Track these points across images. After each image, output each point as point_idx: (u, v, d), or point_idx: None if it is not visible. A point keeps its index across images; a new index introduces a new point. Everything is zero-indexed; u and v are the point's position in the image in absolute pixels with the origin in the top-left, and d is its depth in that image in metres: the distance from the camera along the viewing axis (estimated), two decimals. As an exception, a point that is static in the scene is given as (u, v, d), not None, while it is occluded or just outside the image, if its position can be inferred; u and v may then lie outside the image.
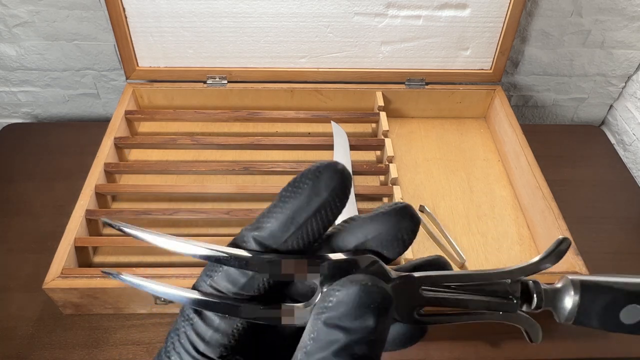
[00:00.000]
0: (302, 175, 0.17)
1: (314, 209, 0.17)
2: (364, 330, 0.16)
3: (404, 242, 0.18)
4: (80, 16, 0.86)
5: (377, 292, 0.16)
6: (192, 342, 0.18)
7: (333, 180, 0.17)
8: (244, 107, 0.88)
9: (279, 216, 0.17)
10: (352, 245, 0.18)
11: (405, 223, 0.18)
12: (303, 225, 0.17)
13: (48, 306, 0.66)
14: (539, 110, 1.06)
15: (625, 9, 0.88)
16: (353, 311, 0.16)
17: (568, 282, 0.20)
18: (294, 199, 0.17)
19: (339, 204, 0.17)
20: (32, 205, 0.79)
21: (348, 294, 0.16)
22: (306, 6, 0.80)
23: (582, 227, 0.76)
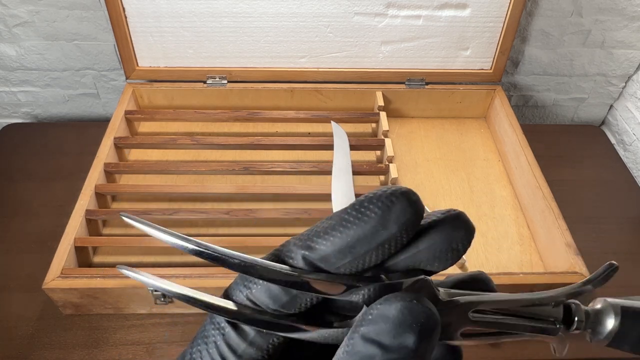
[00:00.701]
0: (371, 200, 0.16)
1: (378, 243, 0.16)
2: (402, 350, 0.15)
3: (457, 252, 0.17)
4: (80, 16, 0.86)
5: (422, 311, 0.15)
6: (221, 353, 0.17)
7: (405, 214, 0.16)
8: (244, 107, 0.88)
9: (336, 241, 0.16)
10: (403, 266, 0.17)
11: (460, 232, 0.17)
12: (362, 256, 0.16)
13: (48, 306, 0.66)
14: (539, 110, 1.06)
15: (625, 9, 0.88)
16: (393, 328, 0.15)
17: (608, 306, 0.20)
18: (357, 227, 0.16)
19: (405, 238, 0.16)
20: (32, 205, 0.79)
21: (390, 309, 0.15)
22: (306, 6, 0.80)
23: (582, 227, 0.76)
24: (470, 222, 0.17)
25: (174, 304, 0.64)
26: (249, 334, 0.17)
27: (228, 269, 0.15)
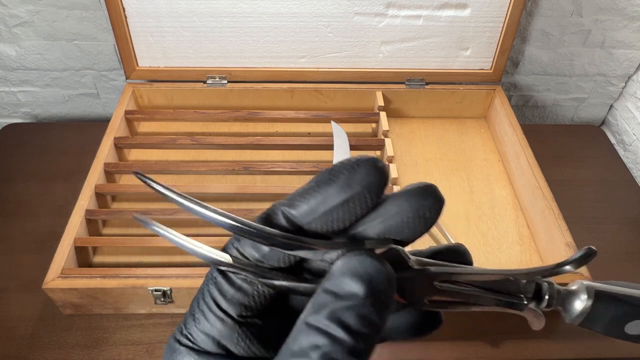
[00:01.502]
0: (342, 164, 0.18)
1: (343, 200, 0.17)
2: (351, 298, 0.16)
3: (425, 220, 0.18)
4: (80, 16, 0.86)
5: (372, 264, 0.17)
6: (214, 298, 0.18)
7: (369, 176, 0.17)
8: (244, 107, 0.88)
9: (309, 198, 0.18)
10: (374, 232, 0.18)
11: (428, 200, 0.18)
12: (329, 212, 0.18)
13: (48, 306, 0.66)
14: (539, 110, 1.06)
15: (625, 9, 0.88)
16: (345, 278, 0.16)
17: (582, 288, 0.21)
18: (327, 186, 0.18)
19: (369, 200, 0.18)
20: (32, 205, 0.79)
21: (345, 263, 0.17)
22: (306, 6, 0.80)
23: (582, 227, 0.76)
24: (440, 193, 0.18)
25: (174, 303, 0.64)
26: (236, 281, 0.19)
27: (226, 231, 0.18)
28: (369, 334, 0.16)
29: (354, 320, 0.16)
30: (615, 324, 0.20)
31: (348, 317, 0.16)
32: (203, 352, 0.18)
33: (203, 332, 0.19)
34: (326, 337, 0.16)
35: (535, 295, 0.21)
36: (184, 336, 0.19)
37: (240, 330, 0.18)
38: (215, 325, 0.18)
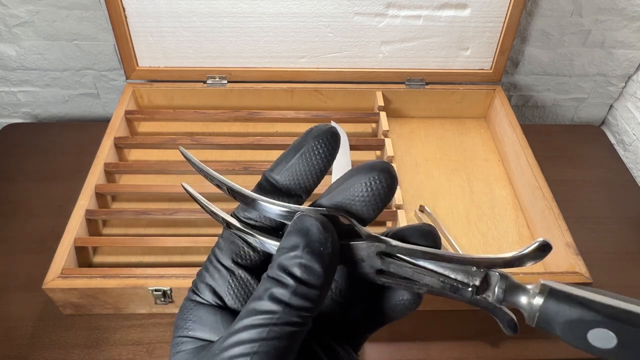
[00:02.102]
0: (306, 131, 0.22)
1: (301, 152, 0.21)
2: (292, 249, 0.19)
3: (376, 193, 0.20)
4: (80, 16, 0.86)
5: (308, 220, 0.19)
6: (214, 253, 0.22)
7: (320, 133, 0.21)
8: (244, 107, 0.88)
9: (279, 159, 0.22)
10: (332, 203, 0.21)
11: (380, 175, 0.20)
12: (292, 166, 0.21)
13: (48, 306, 0.66)
14: (539, 110, 1.06)
15: (625, 9, 0.88)
16: (290, 235, 0.19)
17: (538, 285, 0.20)
18: (290, 148, 0.22)
19: (321, 151, 0.21)
20: (32, 205, 0.79)
21: (291, 223, 0.20)
22: (306, 6, 0.80)
23: (582, 227, 0.76)
24: (394, 171, 0.21)
25: (174, 303, 0.64)
26: (230, 237, 0.22)
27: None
28: (310, 280, 0.19)
29: (297, 268, 0.19)
30: (575, 329, 0.19)
31: (291, 265, 0.19)
32: (203, 304, 0.21)
33: (204, 283, 0.22)
34: (276, 283, 0.19)
35: (482, 285, 0.20)
36: (192, 291, 0.22)
37: (231, 279, 0.21)
38: (213, 275, 0.22)
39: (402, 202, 0.71)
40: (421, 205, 0.76)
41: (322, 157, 0.21)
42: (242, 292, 0.21)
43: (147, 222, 0.73)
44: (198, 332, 0.21)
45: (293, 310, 0.18)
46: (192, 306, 0.21)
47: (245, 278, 0.21)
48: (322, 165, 0.21)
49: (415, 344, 0.65)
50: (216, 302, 0.21)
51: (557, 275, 0.64)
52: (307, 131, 0.22)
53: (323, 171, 0.22)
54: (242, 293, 0.21)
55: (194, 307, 0.21)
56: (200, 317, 0.21)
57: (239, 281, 0.21)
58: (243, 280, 0.21)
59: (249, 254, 0.22)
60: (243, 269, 0.22)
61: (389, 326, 0.24)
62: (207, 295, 0.21)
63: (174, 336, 0.21)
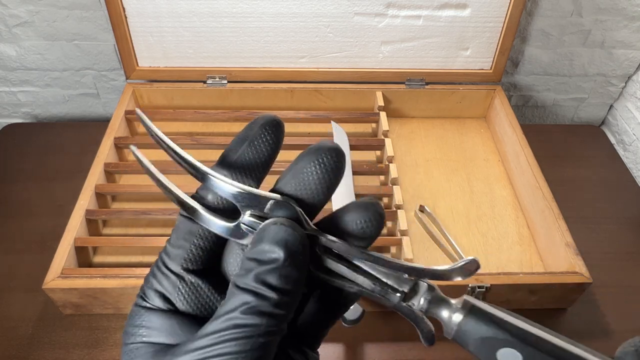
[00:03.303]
0: None
1: (248, 140, 0.22)
2: (272, 262, 0.19)
3: (325, 172, 0.21)
4: (80, 16, 0.86)
5: (286, 231, 0.19)
6: (162, 259, 0.22)
7: (264, 121, 0.22)
8: (244, 107, 0.88)
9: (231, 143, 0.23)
10: (290, 188, 0.22)
11: (323, 152, 0.21)
12: (243, 151, 0.22)
13: (48, 306, 0.66)
14: (539, 110, 1.06)
15: (625, 9, 0.88)
16: (265, 245, 0.19)
17: (460, 300, 0.21)
18: (237, 137, 0.22)
19: (266, 137, 0.22)
20: (32, 205, 0.79)
21: (263, 232, 0.20)
22: (306, 6, 0.80)
23: (582, 227, 0.76)
24: (340, 150, 0.21)
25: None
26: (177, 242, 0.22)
27: None
28: (290, 289, 0.19)
29: (277, 279, 0.19)
30: (487, 347, 0.20)
31: (271, 278, 0.19)
32: (154, 310, 0.21)
33: (152, 289, 0.21)
34: (254, 295, 0.19)
35: (410, 292, 0.21)
36: (140, 297, 0.22)
37: (180, 285, 0.21)
38: (161, 281, 0.21)
39: (402, 202, 0.71)
40: (421, 205, 0.76)
41: (270, 140, 0.22)
42: (193, 297, 0.21)
43: (147, 222, 0.73)
44: (153, 338, 0.21)
45: (275, 320, 0.19)
46: (142, 312, 0.21)
47: (195, 283, 0.21)
48: (270, 149, 0.22)
49: (415, 344, 0.65)
50: (167, 307, 0.21)
51: (557, 276, 0.64)
52: (252, 121, 0.22)
53: (271, 156, 0.22)
54: (194, 298, 0.21)
55: (146, 314, 0.21)
56: (154, 322, 0.21)
57: (189, 286, 0.21)
58: (193, 285, 0.21)
59: (198, 256, 0.22)
60: (192, 274, 0.21)
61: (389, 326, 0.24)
62: (157, 301, 0.21)
63: (124, 344, 0.21)
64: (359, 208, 0.21)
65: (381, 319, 0.66)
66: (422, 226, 0.75)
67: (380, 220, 0.22)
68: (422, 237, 0.73)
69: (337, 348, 0.63)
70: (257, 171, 0.22)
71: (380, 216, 0.22)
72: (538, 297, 0.65)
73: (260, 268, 0.19)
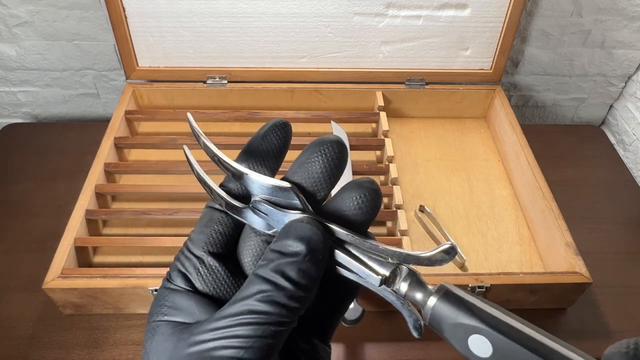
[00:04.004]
0: None
1: (261, 135, 0.24)
2: (293, 255, 0.20)
3: (330, 168, 0.22)
4: (80, 16, 0.86)
5: (311, 229, 0.21)
6: (186, 245, 0.24)
7: (274, 122, 0.24)
8: (244, 107, 0.88)
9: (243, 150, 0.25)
10: (299, 178, 0.23)
11: (330, 146, 0.22)
12: (257, 144, 0.24)
13: (48, 306, 0.66)
14: (539, 110, 1.06)
15: (625, 9, 0.88)
16: (289, 240, 0.21)
17: (438, 286, 0.21)
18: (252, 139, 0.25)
19: (275, 132, 0.24)
20: (32, 205, 0.79)
21: (289, 227, 0.21)
22: (306, 6, 0.80)
23: (582, 227, 0.76)
24: (342, 141, 0.23)
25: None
26: (199, 227, 0.24)
27: None
28: (307, 284, 0.20)
29: (295, 273, 0.20)
30: (458, 333, 0.20)
31: (290, 270, 0.20)
32: (177, 291, 0.23)
33: (176, 270, 0.23)
34: (271, 285, 0.20)
35: (391, 276, 0.21)
36: (166, 280, 0.23)
37: (200, 267, 0.23)
38: (184, 263, 0.23)
39: (402, 202, 0.71)
40: (421, 205, 0.76)
41: (278, 137, 0.24)
42: (211, 279, 0.23)
43: (147, 222, 0.73)
44: (174, 317, 0.22)
45: (288, 312, 0.20)
46: (167, 293, 0.23)
47: (214, 265, 0.23)
48: (280, 144, 0.25)
49: (415, 344, 0.65)
50: (188, 287, 0.23)
51: (557, 275, 0.64)
52: (265, 124, 0.25)
53: (281, 150, 0.25)
54: (211, 280, 0.23)
55: (169, 294, 0.23)
56: (176, 302, 0.22)
57: (208, 268, 0.23)
58: (212, 268, 0.23)
59: (217, 240, 0.24)
60: (212, 256, 0.23)
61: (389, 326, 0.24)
62: (179, 281, 0.23)
63: (148, 322, 0.22)
64: (354, 185, 0.23)
65: (381, 319, 0.66)
66: (422, 226, 0.75)
67: (375, 195, 0.23)
68: (422, 237, 0.73)
69: (337, 348, 0.63)
70: (271, 161, 0.25)
71: (375, 192, 0.23)
72: (538, 297, 0.65)
73: (281, 260, 0.20)
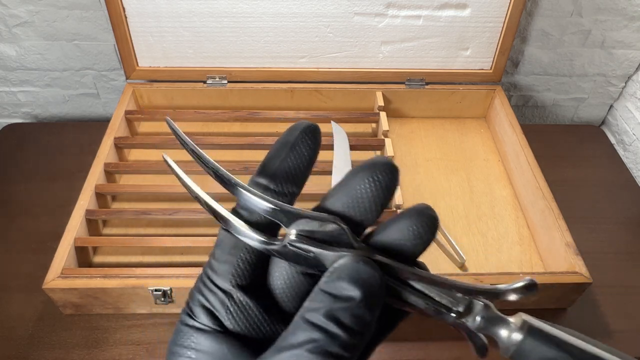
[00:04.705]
0: None
1: (288, 148, 0.21)
2: (347, 299, 0.18)
3: (379, 195, 0.20)
4: (80, 16, 0.86)
5: (367, 271, 0.19)
6: (207, 274, 0.21)
7: (302, 128, 0.21)
8: (244, 107, 0.88)
9: (266, 158, 0.22)
10: (339, 204, 0.21)
11: (381, 173, 0.20)
12: (283, 161, 0.21)
13: (48, 306, 0.66)
14: (539, 110, 1.06)
15: (625, 9, 0.88)
16: (343, 282, 0.18)
17: (518, 320, 0.20)
18: (277, 144, 0.22)
19: (307, 142, 0.21)
20: (32, 205, 0.79)
21: (343, 267, 0.19)
22: (306, 6, 0.80)
23: (582, 227, 0.76)
24: (395, 166, 0.20)
25: (174, 303, 0.64)
26: (222, 256, 0.21)
27: None
28: (361, 331, 0.18)
29: (349, 319, 0.18)
30: None
31: (344, 316, 0.18)
32: (202, 330, 0.20)
33: (199, 306, 0.20)
34: (323, 333, 0.17)
35: (465, 311, 0.21)
36: (186, 314, 0.21)
37: (229, 303, 0.20)
38: (208, 298, 0.20)
39: (402, 202, 0.71)
40: (421, 205, 0.76)
41: (309, 148, 0.21)
42: (242, 317, 0.20)
43: (147, 222, 0.73)
44: None
45: None
46: (191, 332, 0.20)
47: (244, 301, 0.20)
48: (308, 156, 0.21)
49: (415, 344, 0.65)
50: (216, 326, 0.20)
51: (557, 275, 0.64)
52: (288, 130, 0.21)
53: (309, 163, 0.21)
54: (242, 317, 0.20)
55: (194, 334, 0.20)
56: (203, 344, 0.20)
57: (238, 305, 0.20)
58: (242, 304, 0.20)
59: (245, 270, 0.21)
60: (241, 290, 0.20)
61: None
62: (204, 319, 0.20)
63: None
64: (412, 212, 0.20)
65: (381, 319, 0.66)
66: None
67: (436, 222, 0.20)
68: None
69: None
70: (300, 177, 0.21)
71: (435, 219, 0.20)
72: (538, 297, 0.65)
73: (333, 304, 0.18)
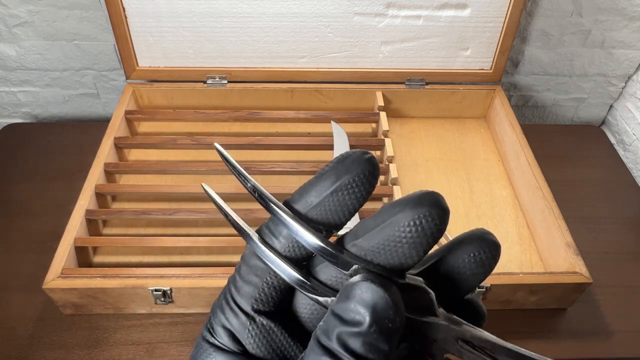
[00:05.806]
0: (335, 159, 0.19)
1: (333, 190, 0.18)
2: (355, 324, 0.16)
3: (427, 237, 0.18)
4: (80, 16, 0.86)
5: (376, 291, 0.17)
6: (231, 293, 0.20)
7: (355, 165, 0.18)
8: (244, 107, 0.88)
9: (303, 191, 0.19)
10: (367, 245, 0.18)
11: (430, 211, 0.18)
12: (322, 202, 0.18)
13: (48, 306, 0.66)
14: (539, 110, 1.06)
15: (625, 9, 0.88)
16: (350, 303, 0.17)
17: None
18: (320, 178, 0.19)
19: (357, 189, 0.18)
20: (32, 205, 0.79)
21: (352, 287, 0.17)
22: (306, 6, 0.80)
23: (582, 227, 0.76)
24: (445, 202, 0.18)
25: (174, 303, 0.64)
26: (246, 276, 0.20)
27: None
28: (376, 359, 0.16)
29: (360, 346, 0.16)
30: None
31: (354, 343, 0.16)
32: (222, 350, 0.19)
33: (221, 326, 0.20)
34: (333, 358, 0.16)
35: None
36: (208, 331, 0.20)
37: (251, 327, 0.19)
38: (230, 319, 0.20)
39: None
40: (421, 205, 0.76)
41: (360, 193, 0.18)
42: (265, 341, 0.20)
43: (147, 222, 0.73)
44: None
45: None
46: (211, 350, 0.20)
47: (267, 325, 0.20)
48: (358, 203, 0.18)
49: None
50: (237, 348, 0.20)
51: (557, 275, 0.64)
52: (341, 159, 0.18)
53: (357, 209, 0.19)
54: (265, 342, 0.20)
55: (214, 353, 0.20)
56: None
57: (260, 329, 0.20)
58: (265, 328, 0.20)
59: (270, 296, 0.20)
60: (263, 315, 0.20)
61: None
62: (225, 339, 0.20)
63: None
64: (473, 238, 0.19)
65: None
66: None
67: (498, 250, 0.19)
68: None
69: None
70: (336, 223, 0.19)
71: (497, 246, 0.19)
72: (538, 297, 0.65)
73: (342, 328, 0.17)
